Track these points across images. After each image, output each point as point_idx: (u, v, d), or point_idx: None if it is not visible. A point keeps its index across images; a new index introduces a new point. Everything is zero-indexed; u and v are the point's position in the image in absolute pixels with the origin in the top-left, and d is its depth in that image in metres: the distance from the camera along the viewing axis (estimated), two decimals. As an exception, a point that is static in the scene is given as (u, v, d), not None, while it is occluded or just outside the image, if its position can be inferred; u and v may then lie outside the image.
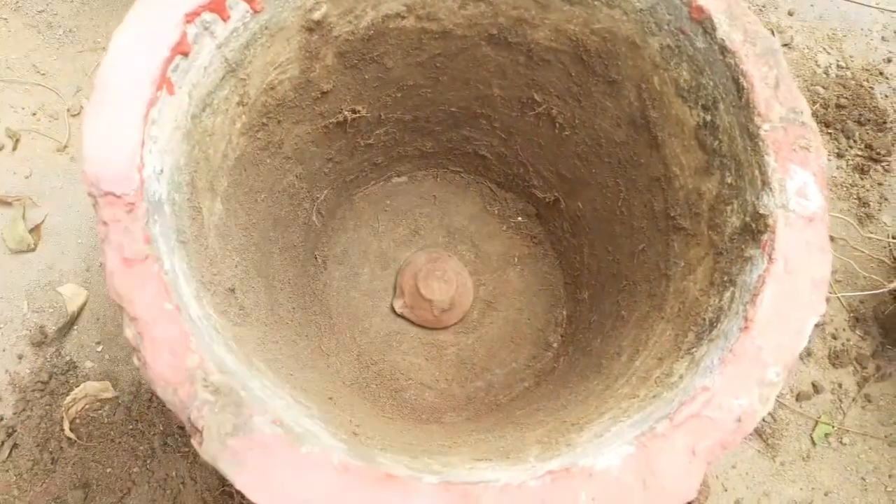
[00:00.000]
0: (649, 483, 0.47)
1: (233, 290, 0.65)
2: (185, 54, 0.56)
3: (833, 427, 1.03)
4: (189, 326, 0.48)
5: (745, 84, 0.57)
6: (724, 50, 0.58)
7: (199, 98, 0.59)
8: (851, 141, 1.18)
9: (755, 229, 0.55)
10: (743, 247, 0.57)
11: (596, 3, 0.66)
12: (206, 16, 0.57)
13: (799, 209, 0.53)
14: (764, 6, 1.31)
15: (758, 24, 0.58)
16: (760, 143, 0.55)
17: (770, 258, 0.52)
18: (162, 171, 0.54)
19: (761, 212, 0.54)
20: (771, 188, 0.54)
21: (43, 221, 1.06)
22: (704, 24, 0.59)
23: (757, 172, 0.56)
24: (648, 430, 0.49)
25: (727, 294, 0.56)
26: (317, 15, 0.66)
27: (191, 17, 0.55)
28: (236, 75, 0.63)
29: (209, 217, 0.64)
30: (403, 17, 0.73)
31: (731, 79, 0.58)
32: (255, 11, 0.61)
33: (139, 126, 0.52)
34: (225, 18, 0.59)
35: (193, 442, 0.47)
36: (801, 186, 0.53)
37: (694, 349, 0.56)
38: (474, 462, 0.54)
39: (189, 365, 0.47)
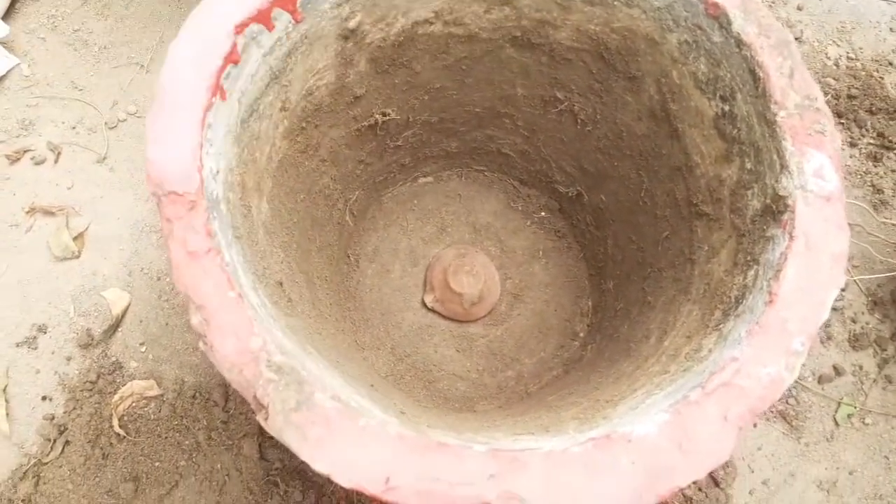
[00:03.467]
0: (685, 447, 0.50)
1: (281, 284, 0.69)
2: (236, 63, 0.60)
3: (855, 408, 1.05)
4: (251, 313, 0.52)
5: (761, 74, 0.60)
6: (739, 43, 0.61)
7: (247, 104, 0.63)
8: (864, 130, 1.20)
9: (776, 210, 0.58)
10: (764, 227, 0.60)
11: (615, 2, 0.70)
12: (254, 27, 0.61)
13: (817, 189, 0.56)
14: (774, 2, 1.34)
15: (771, 18, 0.61)
16: (778, 130, 0.59)
17: (791, 236, 0.55)
18: (218, 171, 0.58)
19: (781, 193, 0.57)
20: (789, 171, 0.57)
21: (86, 230, 1.11)
22: (720, 20, 0.62)
23: (775, 157, 0.59)
24: (682, 398, 0.52)
25: (751, 272, 0.60)
26: (352, 23, 0.70)
27: (240, 28, 0.59)
28: (279, 82, 0.67)
29: (258, 215, 0.68)
30: (431, 23, 0.77)
31: (748, 70, 0.61)
32: (297, 21, 0.65)
33: (198, 130, 0.56)
34: (270, 29, 0.63)
35: (259, 418, 0.51)
36: (817, 168, 0.56)
37: (721, 325, 0.59)
38: (516, 435, 0.57)
39: (253, 347, 0.51)
